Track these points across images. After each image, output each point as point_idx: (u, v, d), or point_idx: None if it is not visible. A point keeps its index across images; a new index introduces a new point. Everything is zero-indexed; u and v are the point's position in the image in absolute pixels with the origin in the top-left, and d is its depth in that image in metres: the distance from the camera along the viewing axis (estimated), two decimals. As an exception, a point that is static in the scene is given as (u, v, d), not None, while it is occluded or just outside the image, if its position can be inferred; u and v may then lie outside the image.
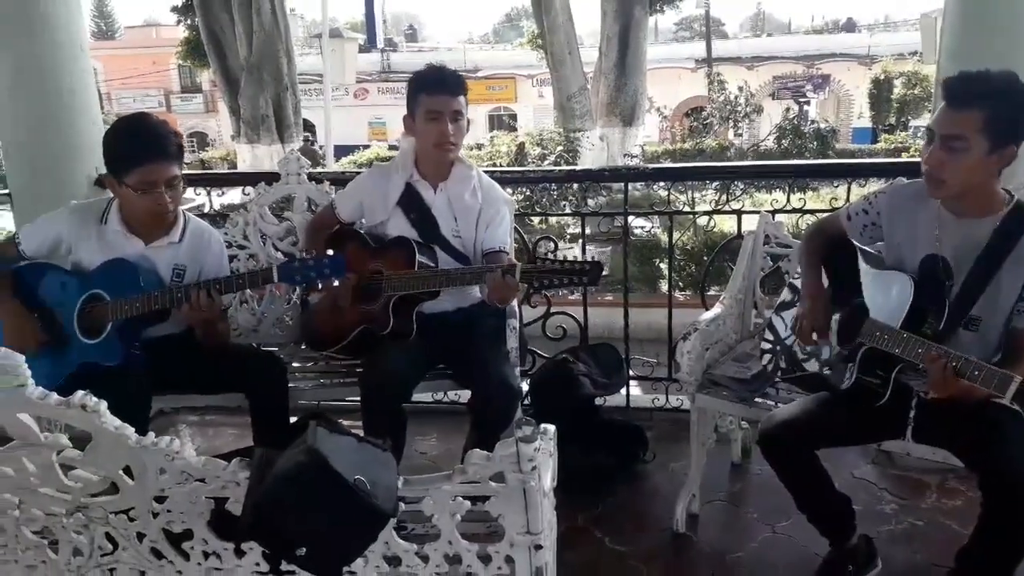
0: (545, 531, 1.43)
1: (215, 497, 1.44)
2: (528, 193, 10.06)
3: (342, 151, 15.04)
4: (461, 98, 2.40)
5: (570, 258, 2.23)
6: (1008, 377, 1.58)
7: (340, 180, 2.88)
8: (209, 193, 3.45)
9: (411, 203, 2.51)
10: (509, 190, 2.87)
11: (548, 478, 1.57)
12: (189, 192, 3.26)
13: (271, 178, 2.97)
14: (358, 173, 2.80)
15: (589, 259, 2.28)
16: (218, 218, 3.16)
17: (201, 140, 28.16)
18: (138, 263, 2.31)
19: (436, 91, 2.38)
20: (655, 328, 3.41)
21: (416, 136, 2.45)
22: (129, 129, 2.25)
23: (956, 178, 1.77)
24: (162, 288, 2.29)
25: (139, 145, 2.20)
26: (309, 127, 18.99)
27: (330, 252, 2.30)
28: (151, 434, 1.40)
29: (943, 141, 1.75)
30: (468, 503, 1.41)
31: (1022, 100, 1.72)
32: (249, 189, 3.03)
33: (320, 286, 2.32)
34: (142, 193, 2.21)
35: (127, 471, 1.44)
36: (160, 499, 1.46)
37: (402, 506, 1.41)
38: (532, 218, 9.95)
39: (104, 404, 1.36)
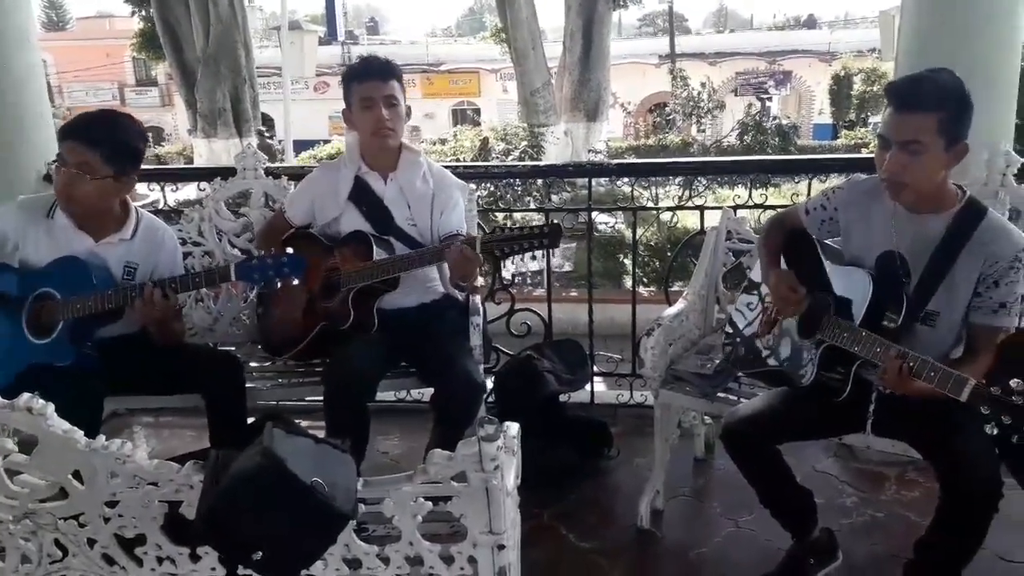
0: (508, 531, 1.41)
1: (169, 501, 1.39)
2: (492, 189, 10.03)
3: (302, 146, 14.82)
4: (393, 83, 2.39)
5: (529, 224, 2.23)
6: (963, 379, 1.61)
7: (298, 175, 2.83)
8: (163, 188, 3.36)
9: (362, 196, 2.48)
10: (472, 185, 2.84)
11: (511, 477, 1.55)
12: (142, 188, 3.17)
13: (227, 173, 2.91)
14: (312, 168, 2.76)
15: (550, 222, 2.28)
16: (172, 215, 3.08)
17: (157, 135, 27.54)
18: (88, 260, 2.24)
19: (366, 78, 2.38)
20: (619, 324, 3.41)
21: (355, 127, 2.44)
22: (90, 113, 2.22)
23: (918, 180, 1.78)
24: (114, 286, 2.23)
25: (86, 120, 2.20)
26: (268, 121, 18.70)
27: (289, 250, 2.27)
28: (101, 437, 1.35)
29: (901, 146, 1.75)
30: (430, 504, 1.38)
31: (964, 96, 1.74)
32: (205, 185, 2.96)
33: (279, 285, 2.27)
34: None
35: (76, 475, 1.39)
36: (111, 504, 1.42)
37: (362, 507, 1.39)
38: (496, 214, 9.90)
39: (51, 407, 1.31)
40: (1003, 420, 1.55)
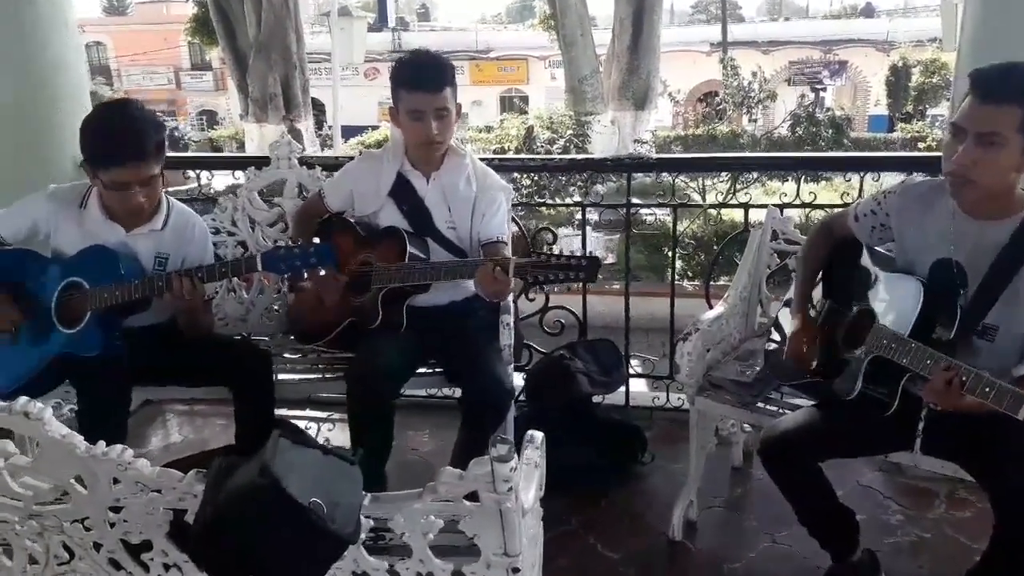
0: (524, 552, 1.33)
1: (174, 509, 1.35)
2: (536, 178, 9.94)
3: (351, 131, 14.91)
4: (446, 91, 2.25)
5: (567, 252, 2.12)
6: (1021, 396, 1.48)
7: (332, 166, 2.78)
8: (211, 176, 3.34)
9: (403, 194, 2.40)
10: (515, 175, 2.76)
11: (532, 492, 1.48)
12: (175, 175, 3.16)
13: (261, 162, 2.88)
14: (350, 159, 2.70)
15: (588, 253, 2.18)
16: (210, 203, 3.06)
17: (211, 118, 28.05)
18: (118, 250, 2.23)
19: (416, 88, 2.23)
20: (659, 318, 3.29)
21: (402, 130, 2.34)
22: (104, 126, 2.12)
23: (988, 179, 1.64)
24: (143, 276, 2.21)
25: (113, 145, 2.08)
26: (318, 106, 18.85)
27: (316, 240, 2.22)
28: (101, 443, 1.31)
29: (977, 138, 1.61)
30: (441, 522, 1.31)
31: None
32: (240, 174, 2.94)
33: (306, 276, 2.23)
34: (115, 191, 2.13)
35: (80, 479, 1.35)
36: (115, 509, 1.38)
37: (371, 522, 1.33)
38: (538, 208, 9.85)
39: (49, 411, 1.27)
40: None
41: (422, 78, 2.24)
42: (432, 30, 31.73)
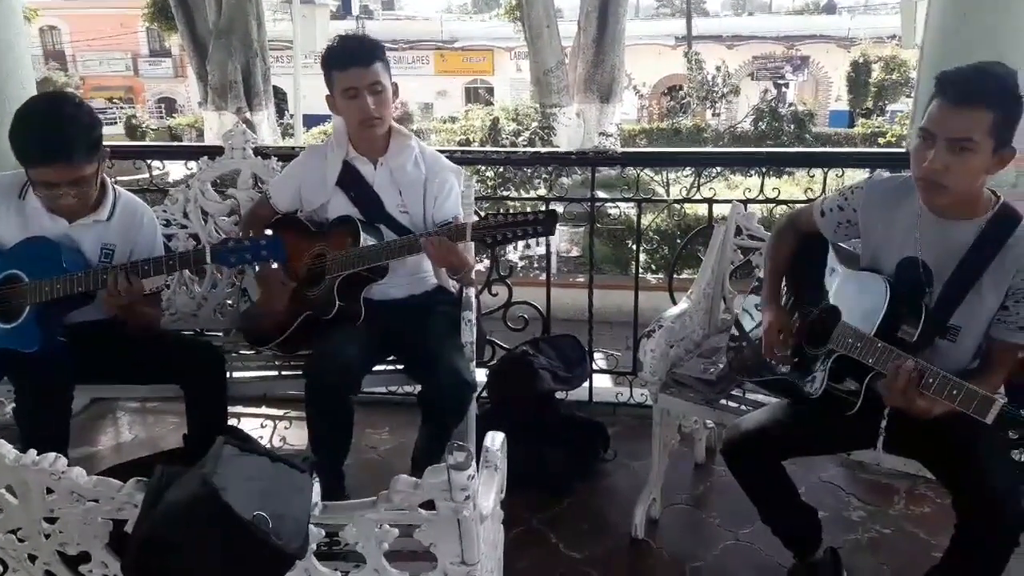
0: (482, 561, 1.28)
1: (113, 519, 1.28)
2: (502, 170, 9.87)
3: (313, 120, 14.65)
4: (376, 66, 2.22)
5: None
6: (989, 400, 1.47)
7: (287, 156, 2.70)
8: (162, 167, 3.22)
9: (351, 182, 2.35)
10: (480, 167, 2.71)
11: (491, 498, 1.43)
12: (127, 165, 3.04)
13: (214, 152, 2.78)
14: (304, 148, 2.62)
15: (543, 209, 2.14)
16: (162, 194, 2.95)
17: (170, 106, 27.45)
18: (61, 242, 2.13)
19: (347, 65, 2.21)
20: (625, 311, 3.24)
21: (341, 115, 2.29)
22: (33, 123, 1.99)
23: (959, 184, 1.61)
24: (87, 269, 2.11)
25: (39, 144, 1.97)
26: (280, 95, 18.53)
27: (268, 232, 2.15)
28: (32, 452, 1.23)
29: (949, 144, 1.57)
30: (396, 531, 1.26)
31: (1020, 96, 1.58)
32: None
33: (257, 269, 2.16)
34: (44, 189, 2.03)
35: (11, 489, 1.27)
36: (51, 519, 1.30)
37: (323, 533, 1.27)
38: (496, 201, 9.79)
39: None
40: (1032, 447, 1.42)
41: (351, 55, 2.22)
42: (397, 19, 31.40)
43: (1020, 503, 1.59)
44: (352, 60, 2.21)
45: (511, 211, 2.07)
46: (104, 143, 2.12)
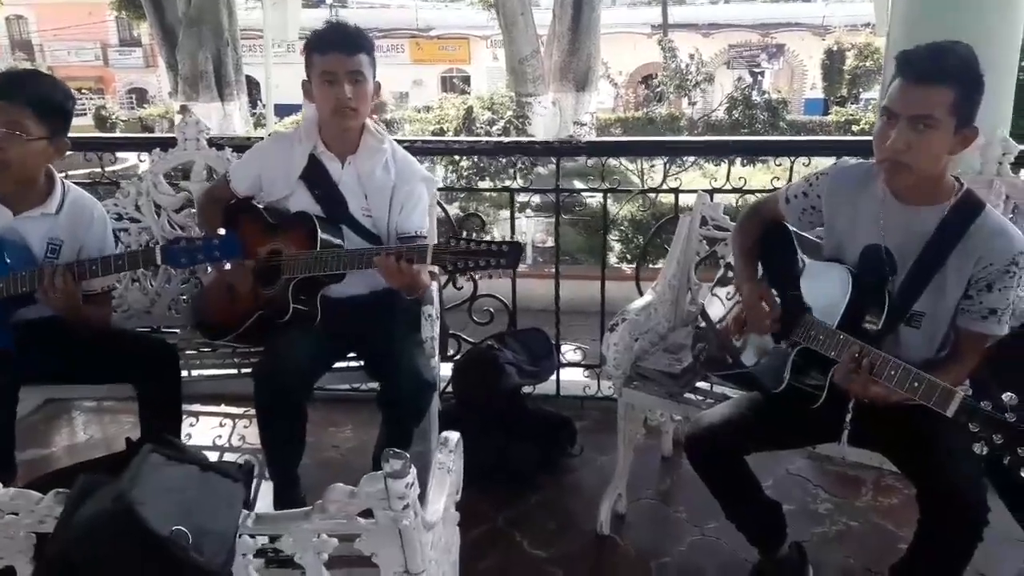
0: (430, 568, 1.23)
1: (37, 532, 1.21)
2: (476, 159, 9.79)
3: (285, 110, 14.46)
4: (361, 56, 2.13)
5: (499, 238, 2.01)
6: (949, 392, 1.44)
7: (242, 147, 2.62)
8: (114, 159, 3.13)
9: (315, 178, 2.24)
10: (455, 156, 2.64)
11: (442, 500, 1.39)
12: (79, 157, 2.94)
13: (167, 143, 2.69)
14: (261, 139, 2.54)
15: (510, 239, 2.07)
16: (113, 187, 2.86)
17: (141, 96, 27.00)
18: (4, 236, 2.04)
19: (330, 50, 2.11)
20: (598, 301, 3.20)
21: (315, 101, 2.19)
22: None
23: (923, 163, 1.58)
24: (33, 264, 2.03)
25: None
26: (252, 84, 18.27)
27: (222, 231, 2.07)
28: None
29: (911, 121, 1.55)
30: (335, 541, 1.20)
31: (980, 75, 1.56)
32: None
33: (210, 269, 2.08)
34: None
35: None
36: (-30, 533, 1.23)
37: (261, 541, 1.21)
38: (479, 184, 9.74)
39: None
40: (994, 439, 1.40)
41: (335, 40, 2.13)
42: (371, 7, 31.01)
43: (982, 496, 1.57)
44: (334, 45, 2.12)
45: (475, 237, 1.94)
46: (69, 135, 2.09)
